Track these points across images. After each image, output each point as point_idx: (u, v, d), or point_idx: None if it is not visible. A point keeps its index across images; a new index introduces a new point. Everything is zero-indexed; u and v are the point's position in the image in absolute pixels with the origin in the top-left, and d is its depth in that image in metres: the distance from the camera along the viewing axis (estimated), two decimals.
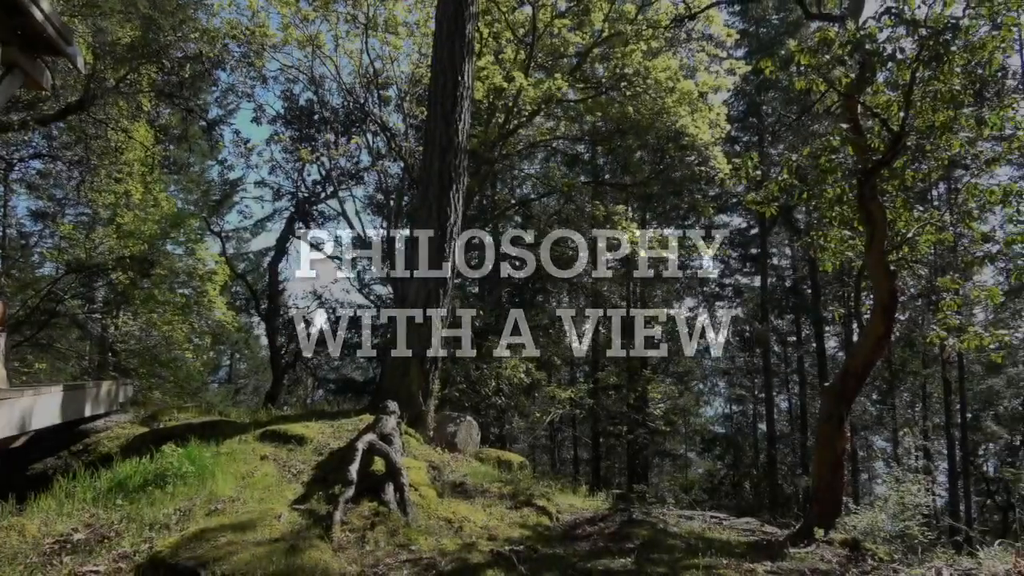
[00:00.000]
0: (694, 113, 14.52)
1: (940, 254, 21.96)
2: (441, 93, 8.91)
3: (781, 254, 30.15)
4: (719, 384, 32.18)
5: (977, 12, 7.48)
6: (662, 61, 14.51)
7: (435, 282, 8.89)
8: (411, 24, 17.86)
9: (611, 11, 15.18)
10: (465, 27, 8.85)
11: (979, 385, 26.56)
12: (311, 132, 23.35)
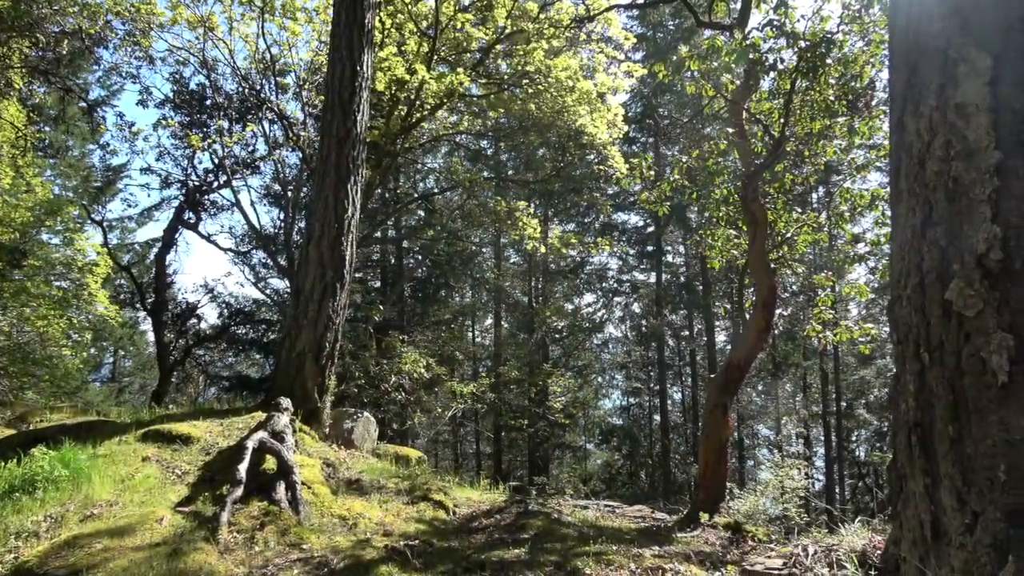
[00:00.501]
0: (593, 113, 14.85)
1: (817, 253, 23.46)
2: (339, 83, 8.71)
3: (675, 251, 31.34)
4: (617, 377, 33.12)
5: (850, 28, 8.02)
6: (563, 60, 14.75)
7: (332, 276, 8.69)
8: (310, 10, 17.34)
9: (514, 8, 15.28)
10: (364, 16, 8.69)
11: (852, 376, 28.57)
12: (203, 118, 22.29)
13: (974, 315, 2.81)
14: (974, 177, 2.93)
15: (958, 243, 2.93)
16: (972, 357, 2.80)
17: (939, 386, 2.95)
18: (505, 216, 17.04)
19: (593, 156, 17.46)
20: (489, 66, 17.94)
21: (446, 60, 17.76)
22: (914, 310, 3.14)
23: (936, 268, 3.02)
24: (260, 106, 20.32)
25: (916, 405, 3.10)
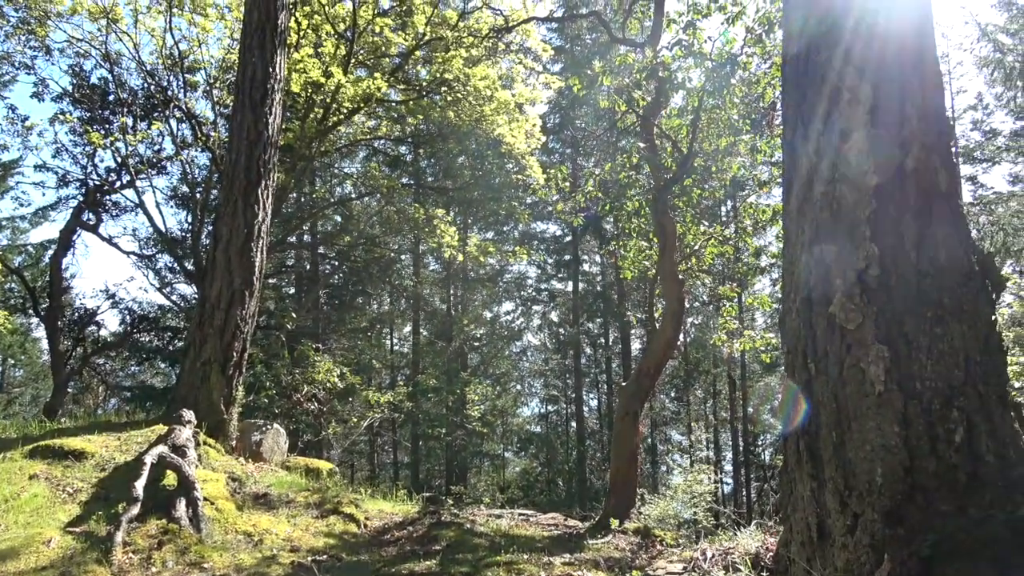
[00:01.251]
0: (511, 123, 14.98)
1: (724, 264, 24.40)
2: (250, 83, 8.47)
3: (592, 260, 31.92)
4: (535, 385, 33.39)
5: (753, 51, 8.39)
6: (481, 70, 14.82)
7: (241, 283, 8.42)
8: (222, 7, 16.78)
9: (433, 15, 15.26)
10: (278, 16, 8.49)
11: (758, 382, 29.78)
12: (105, 114, 21.18)
13: (854, 328, 2.99)
14: (855, 199, 3.12)
15: (841, 260, 3.11)
16: (853, 367, 2.98)
17: (824, 394, 3.12)
18: (423, 223, 16.93)
19: (512, 165, 17.60)
20: (408, 72, 17.82)
21: (364, 64, 17.53)
22: (802, 322, 3.31)
23: (822, 283, 3.20)
24: (167, 104, 19.49)
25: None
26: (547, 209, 26.65)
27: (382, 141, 21.04)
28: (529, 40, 15.41)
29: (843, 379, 3.02)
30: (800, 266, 3.38)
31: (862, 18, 3.42)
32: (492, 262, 27.02)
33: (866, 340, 2.94)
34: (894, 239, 3.01)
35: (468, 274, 28.77)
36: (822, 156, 3.35)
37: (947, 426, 2.76)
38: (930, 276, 2.95)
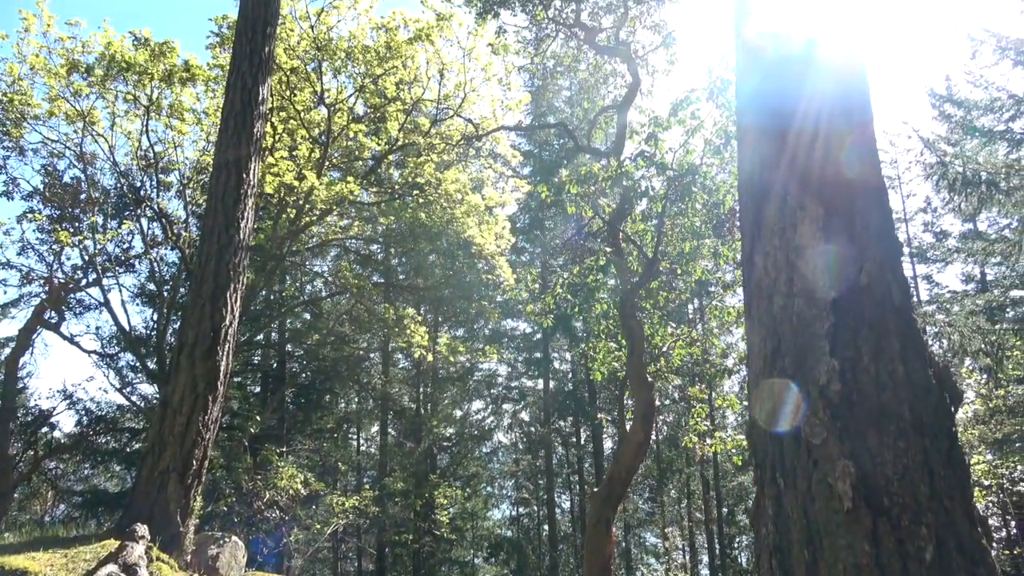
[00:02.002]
0: (481, 225, 15.30)
1: (692, 364, 24.55)
2: (223, 189, 8.58)
3: (562, 358, 31.91)
4: (506, 486, 32.55)
5: (712, 161, 8.78)
6: (453, 174, 15.25)
7: (204, 387, 8.22)
8: (199, 112, 17.20)
9: (406, 122, 15.80)
10: (254, 125, 8.71)
11: (732, 482, 29.40)
12: (75, 212, 21.19)
13: (820, 443, 3.01)
14: (814, 313, 3.21)
15: (803, 373, 3.16)
16: (821, 483, 2.97)
17: (794, 510, 3.09)
18: (394, 323, 16.90)
19: (482, 265, 17.82)
20: (381, 174, 18.26)
21: (338, 167, 17.94)
22: (769, 436, 3.32)
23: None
24: (139, 203, 19.61)
25: (775, 529, 3.22)
26: (517, 307, 26.85)
27: (354, 240, 21.24)
28: (499, 146, 15.99)
29: (812, 495, 3.00)
30: (764, 379, 3.42)
31: (811, 140, 3.63)
32: (462, 359, 26.87)
33: (832, 455, 2.95)
34: (853, 353, 3.07)
35: (438, 372, 28.49)
36: (779, 270, 3.46)
37: (917, 543, 2.74)
38: (890, 390, 3.00)
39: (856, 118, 3.74)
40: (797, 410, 3.13)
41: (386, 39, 14.86)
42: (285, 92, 15.71)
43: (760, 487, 3.41)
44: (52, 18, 15.86)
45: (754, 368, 3.63)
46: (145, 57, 15.54)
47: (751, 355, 3.72)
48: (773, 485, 3.25)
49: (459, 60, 15.03)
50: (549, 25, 13.10)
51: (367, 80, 15.51)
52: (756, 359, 3.57)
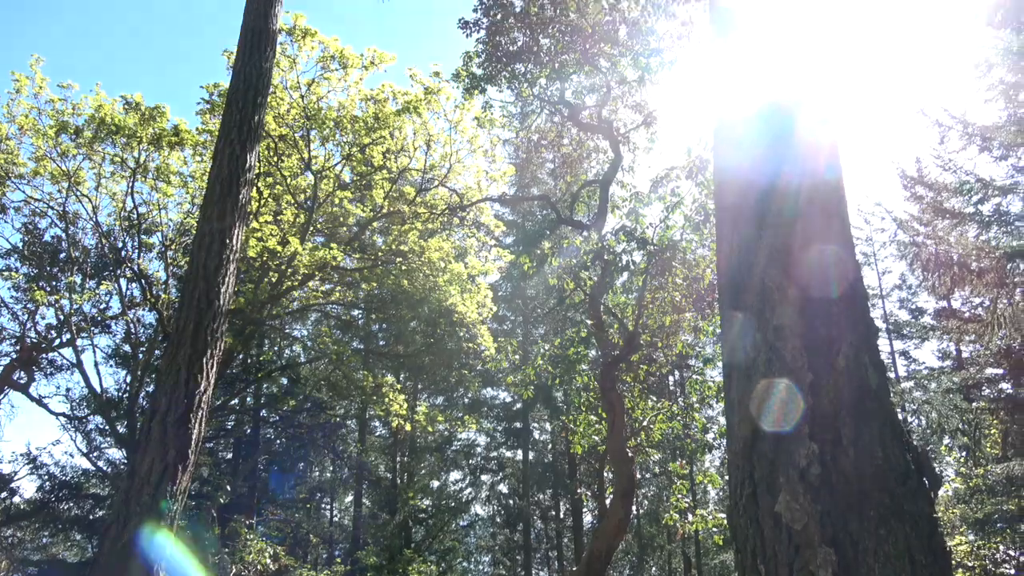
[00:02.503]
0: (464, 293, 15.34)
1: (673, 439, 24.32)
2: (205, 254, 8.55)
3: (542, 429, 31.52)
4: (482, 561, 31.58)
5: (692, 237, 8.94)
6: (436, 242, 15.36)
7: (175, 456, 7.98)
8: (186, 175, 17.33)
9: (392, 190, 16.00)
10: (240, 192, 8.76)
11: (714, 560, 28.75)
12: (54, 271, 21.04)
13: (800, 528, 2.96)
14: (792, 395, 3.22)
15: (783, 457, 3.14)
16: (802, 570, 2.91)
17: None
18: (372, 390, 16.68)
19: (463, 333, 17.77)
20: (365, 241, 18.36)
21: (322, 232, 18.03)
22: (749, 520, 3.26)
23: (766, 480, 3.20)
24: (119, 263, 19.51)
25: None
26: (498, 376, 26.66)
27: (335, 306, 21.16)
28: (483, 216, 16.19)
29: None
30: (744, 461, 3.39)
31: (789, 223, 3.71)
32: (441, 428, 26.46)
33: (813, 541, 2.91)
34: (832, 436, 3.07)
35: (416, 441, 28.00)
36: (759, 351, 3.48)
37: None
38: (870, 475, 2.98)
39: (831, 201, 3.85)
40: (777, 494, 3.10)
41: (375, 110, 15.19)
42: (273, 158, 15.91)
43: (741, 572, 3.33)
44: (45, 80, 16.09)
45: (734, 450, 3.60)
46: (135, 120, 15.74)
47: (730, 436, 3.69)
48: (754, 572, 3.18)
49: (446, 132, 15.38)
50: (534, 101, 13.49)
51: (355, 149, 15.77)
52: (736, 441, 3.55)
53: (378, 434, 29.66)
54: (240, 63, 9.31)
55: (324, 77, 15.09)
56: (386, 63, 15.07)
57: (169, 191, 17.61)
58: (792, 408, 3.18)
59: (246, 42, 9.31)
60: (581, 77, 12.10)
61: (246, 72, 9.20)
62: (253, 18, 9.50)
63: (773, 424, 3.24)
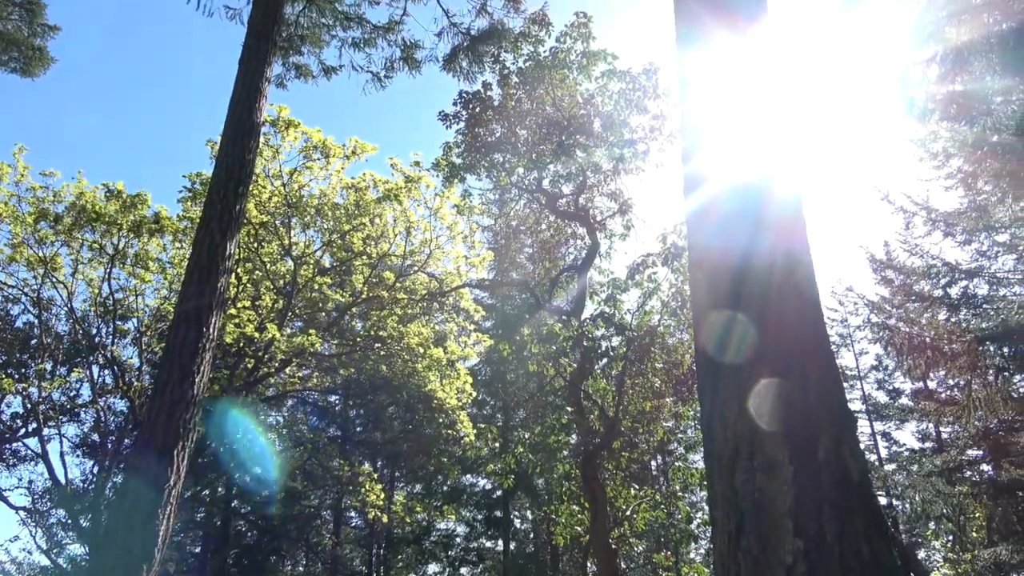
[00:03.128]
0: (443, 379, 15.21)
1: (657, 527, 23.76)
2: (181, 342, 8.44)
3: (523, 518, 30.66)
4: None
5: (670, 322, 9.01)
6: (415, 327, 15.35)
7: (139, 554, 7.64)
8: (164, 261, 17.31)
9: (371, 275, 16.08)
10: (217, 281, 8.75)
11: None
12: (23, 358, 20.58)
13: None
14: (775, 489, 3.18)
15: (767, 553, 3.08)
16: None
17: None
18: (348, 480, 16.24)
19: (443, 419, 17.52)
20: (344, 326, 18.28)
21: (301, 317, 17.95)
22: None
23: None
24: (92, 350, 19.18)
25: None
26: (478, 462, 26.11)
27: (312, 392, 20.84)
28: (462, 300, 16.25)
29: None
30: (729, 557, 3.32)
31: (761, 309, 3.76)
32: (419, 518, 25.66)
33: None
34: (817, 532, 3.03)
35: (393, 532, 27.06)
36: (740, 440, 3.47)
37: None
38: (856, 572, 2.93)
39: (804, 287, 3.90)
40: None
41: (356, 198, 15.43)
42: (253, 244, 15.99)
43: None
44: (27, 168, 16.22)
45: (719, 546, 3.53)
46: (116, 208, 15.82)
47: (715, 530, 3.63)
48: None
49: (426, 218, 15.63)
50: (512, 189, 13.81)
51: (335, 236, 15.92)
52: (720, 535, 3.48)
53: (354, 525, 28.64)
54: (224, 153, 9.48)
55: (306, 166, 15.38)
56: (368, 152, 15.43)
57: (147, 277, 17.54)
58: (775, 503, 3.14)
59: (230, 134, 9.51)
60: (558, 166, 12.46)
61: (229, 163, 9.35)
62: (238, 111, 9.74)
63: (756, 520, 3.19)
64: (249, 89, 9.28)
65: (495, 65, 12.57)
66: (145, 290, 18.37)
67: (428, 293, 15.29)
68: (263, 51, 9.45)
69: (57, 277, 17.62)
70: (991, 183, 12.29)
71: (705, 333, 4.10)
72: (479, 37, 11.68)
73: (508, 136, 12.78)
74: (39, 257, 16.98)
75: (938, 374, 17.84)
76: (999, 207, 13.70)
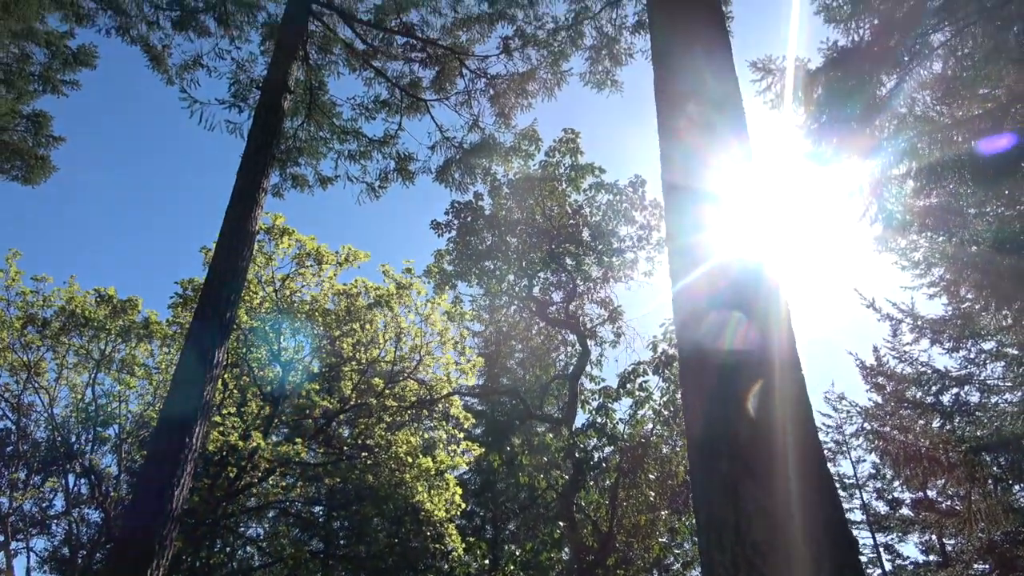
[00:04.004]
0: (431, 490, 14.76)
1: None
2: (163, 452, 8.21)
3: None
4: None
5: (663, 432, 8.88)
6: (404, 436, 15.04)
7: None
8: (151, 367, 17.13)
9: (360, 382, 15.90)
10: (204, 388, 8.62)
11: None
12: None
13: None
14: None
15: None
16: None
17: None
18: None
19: (430, 532, 16.86)
20: (330, 433, 17.88)
21: (287, 423, 17.59)
22: None
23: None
24: (70, 458, 18.66)
25: None
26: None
27: (296, 502, 20.13)
28: (452, 408, 16.02)
29: None
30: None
31: (750, 421, 3.71)
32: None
33: None
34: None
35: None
36: (738, 569, 3.34)
37: None
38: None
39: (795, 396, 3.87)
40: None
41: (347, 303, 15.50)
42: (241, 349, 15.88)
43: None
44: (19, 274, 16.30)
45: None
46: (105, 313, 15.81)
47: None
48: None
49: (416, 324, 15.64)
50: (503, 296, 13.94)
51: (324, 341, 15.86)
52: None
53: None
54: (217, 261, 9.55)
55: (299, 272, 15.53)
56: (360, 260, 15.63)
57: (132, 383, 17.33)
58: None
59: (225, 242, 9.62)
60: (548, 274, 12.64)
61: (222, 270, 9.41)
62: (234, 220, 9.90)
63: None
64: (246, 199, 9.46)
65: (486, 177, 12.98)
66: (129, 396, 18.10)
67: (418, 400, 15.08)
68: (261, 163, 9.70)
69: (40, 383, 17.38)
70: (974, 292, 12.50)
71: (698, 442, 4.03)
72: (471, 150, 12.10)
73: (499, 244, 13.02)
74: (23, 362, 16.79)
75: (937, 484, 17.49)
76: (984, 315, 13.87)
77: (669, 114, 4.92)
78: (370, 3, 11.58)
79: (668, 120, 4.92)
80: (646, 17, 9.52)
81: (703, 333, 4.26)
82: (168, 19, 10.87)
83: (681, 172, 4.83)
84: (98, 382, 17.46)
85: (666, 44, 5.24)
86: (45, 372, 17.60)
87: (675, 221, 5.00)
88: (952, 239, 10.67)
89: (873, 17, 8.01)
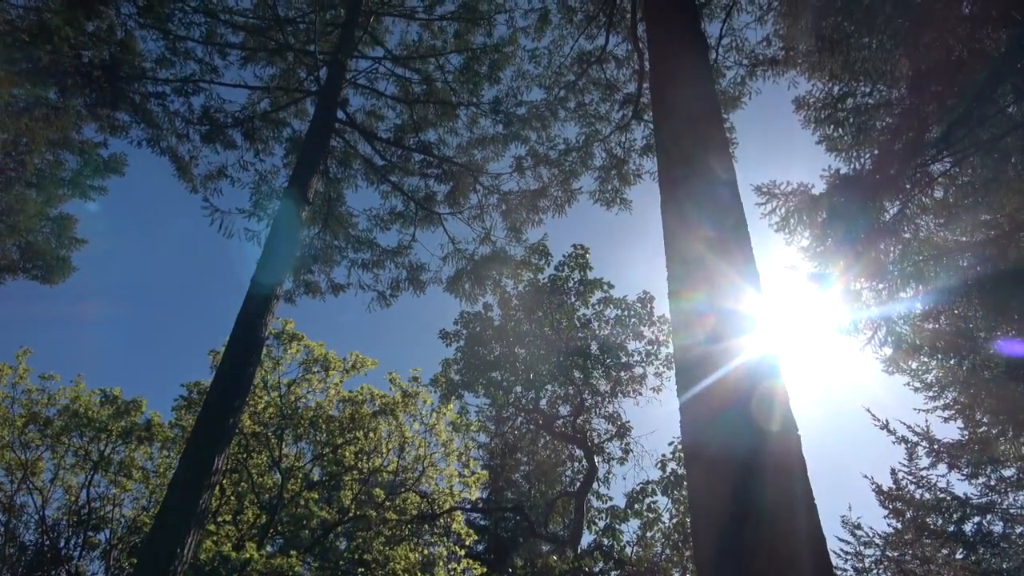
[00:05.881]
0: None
1: None
2: (152, 562, 7.94)
3: None
4: None
5: (670, 554, 8.51)
6: (403, 551, 14.48)
7: None
8: (148, 471, 16.80)
9: (360, 492, 15.49)
10: (199, 498, 8.42)
11: None
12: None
13: None
14: None
15: None
16: None
17: None
18: None
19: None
20: (327, 544, 17.26)
21: (283, 534, 17.00)
22: None
23: None
24: (57, 563, 17.99)
25: None
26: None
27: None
28: (454, 523, 15.50)
29: None
30: None
31: (755, 541, 3.56)
32: None
33: None
34: None
35: None
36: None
37: None
38: None
39: (808, 533, 3.73)
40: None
41: (351, 411, 15.34)
42: (241, 455, 15.61)
43: None
44: (28, 371, 16.32)
45: None
46: (108, 413, 15.69)
47: None
48: None
49: (420, 434, 15.40)
50: (510, 408, 13.78)
51: (327, 448, 15.61)
52: None
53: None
54: (224, 367, 9.54)
55: (305, 378, 15.48)
56: (368, 367, 15.60)
57: (128, 485, 16.95)
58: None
59: (233, 348, 9.64)
60: (555, 387, 12.54)
61: (228, 376, 9.39)
62: (244, 326, 9.97)
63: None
64: (258, 306, 9.57)
65: (496, 288, 13.14)
66: (124, 499, 17.65)
67: (419, 514, 14.62)
68: (276, 271, 9.89)
69: (35, 483, 17.02)
70: (989, 417, 12.26)
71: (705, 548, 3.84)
72: (482, 262, 12.31)
73: (507, 355, 13.00)
74: (20, 461, 16.53)
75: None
76: (1001, 440, 13.53)
77: (676, 233, 5.02)
78: (390, 122, 12.14)
79: (675, 240, 5.02)
80: (653, 141, 9.93)
81: (713, 451, 4.17)
82: (197, 132, 11.40)
83: (688, 285, 4.88)
84: (94, 484, 17.09)
85: (673, 169, 5.43)
86: (41, 472, 17.28)
87: (681, 334, 5.02)
88: (964, 363, 10.56)
89: (873, 148, 8.30)
